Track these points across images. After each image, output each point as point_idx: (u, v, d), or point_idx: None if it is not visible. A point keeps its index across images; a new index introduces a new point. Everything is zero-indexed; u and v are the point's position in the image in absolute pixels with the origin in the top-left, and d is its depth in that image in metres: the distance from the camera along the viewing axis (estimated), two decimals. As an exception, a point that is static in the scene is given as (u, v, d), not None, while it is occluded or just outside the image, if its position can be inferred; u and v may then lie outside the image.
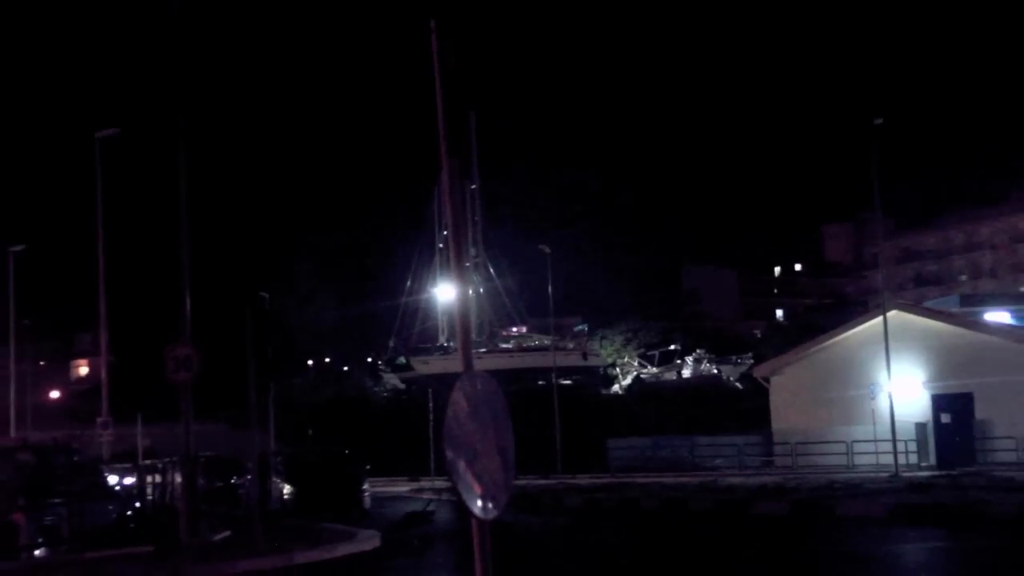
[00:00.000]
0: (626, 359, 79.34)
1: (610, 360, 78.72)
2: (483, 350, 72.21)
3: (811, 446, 46.62)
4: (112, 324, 40.05)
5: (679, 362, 76.64)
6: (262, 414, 21.99)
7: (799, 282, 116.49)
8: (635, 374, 76.99)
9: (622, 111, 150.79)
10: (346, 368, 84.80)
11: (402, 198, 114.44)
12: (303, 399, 67.21)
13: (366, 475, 32.01)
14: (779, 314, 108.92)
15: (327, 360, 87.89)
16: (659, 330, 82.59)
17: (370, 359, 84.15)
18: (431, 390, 47.26)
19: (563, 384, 61.55)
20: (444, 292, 75.23)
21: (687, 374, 74.97)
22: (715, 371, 73.88)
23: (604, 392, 72.62)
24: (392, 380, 76.63)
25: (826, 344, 48.72)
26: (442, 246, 74.76)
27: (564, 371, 65.42)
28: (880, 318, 40.96)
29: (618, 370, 77.91)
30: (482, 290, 77.90)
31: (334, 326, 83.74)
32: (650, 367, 77.34)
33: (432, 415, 41.28)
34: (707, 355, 76.53)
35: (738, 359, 73.28)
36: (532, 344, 77.01)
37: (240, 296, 22.08)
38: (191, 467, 21.34)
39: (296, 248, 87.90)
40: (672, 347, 78.37)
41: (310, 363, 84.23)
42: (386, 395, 74.36)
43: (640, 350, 79.84)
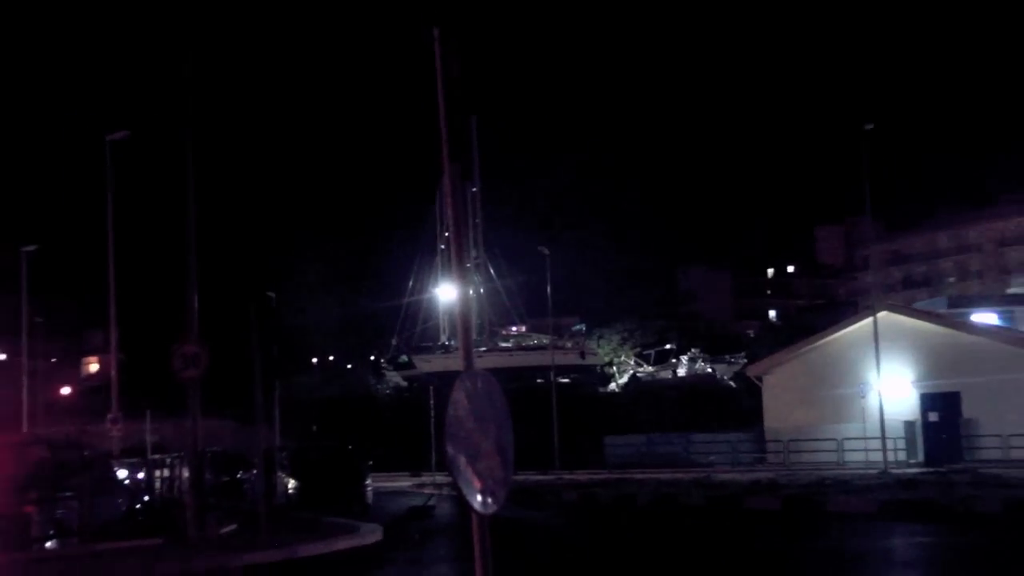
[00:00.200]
0: (623, 358, 79.32)
1: (607, 359, 78.69)
2: (483, 349, 72.21)
3: (803, 443, 46.63)
4: (122, 322, 40.05)
5: (674, 361, 76.64)
6: (268, 411, 22.00)
7: (792, 283, 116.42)
8: (631, 373, 76.97)
9: (620, 116, 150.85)
10: (350, 366, 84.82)
11: (405, 201, 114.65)
12: (308, 396, 67.13)
13: (369, 470, 31.99)
14: (772, 314, 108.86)
15: (331, 358, 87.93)
16: (655, 330, 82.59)
17: (373, 357, 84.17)
18: (432, 388, 47.24)
19: (561, 382, 61.52)
20: (445, 292, 75.19)
21: (682, 373, 74.98)
22: (709, 370, 73.88)
23: (601, 390, 72.60)
24: (394, 378, 76.64)
25: (818, 344, 48.72)
26: (443, 247, 74.83)
27: (562, 370, 65.39)
28: (870, 319, 40.99)
29: (615, 369, 77.87)
30: (482, 290, 77.89)
31: (338, 325, 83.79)
32: (646, 366, 77.34)
33: (433, 412, 41.28)
34: (702, 354, 76.54)
35: (732, 358, 73.29)
36: (531, 343, 76.98)
37: (246, 295, 22.10)
38: (198, 462, 21.35)
39: (301, 249, 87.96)
40: (668, 346, 78.38)
41: (315, 361, 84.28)
42: (389, 393, 74.36)
43: (636, 349, 79.84)
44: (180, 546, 19.24)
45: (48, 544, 20.19)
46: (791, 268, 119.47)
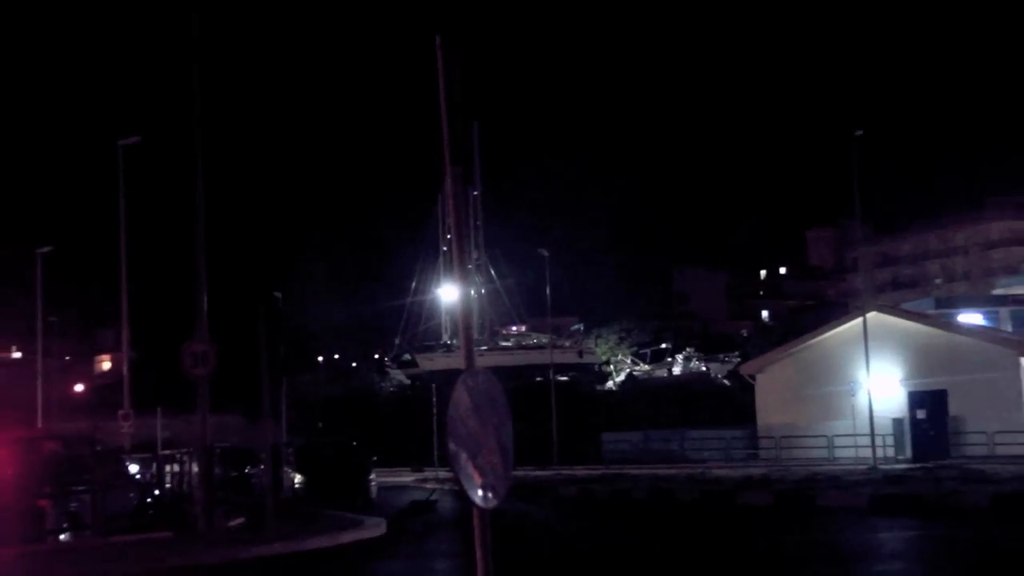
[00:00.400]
0: (619, 357, 79.29)
1: (604, 358, 78.66)
2: (484, 348, 72.25)
3: (794, 440, 46.64)
4: (133, 322, 40.07)
5: (670, 360, 76.63)
6: (275, 408, 21.99)
7: (784, 284, 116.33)
8: (628, 371, 76.95)
9: (618, 121, 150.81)
10: (354, 364, 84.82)
11: (408, 204, 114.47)
12: (313, 394, 67.20)
13: (373, 466, 32.00)
14: (765, 315, 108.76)
15: (336, 357, 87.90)
16: (651, 330, 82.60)
17: (377, 356, 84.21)
18: (435, 386, 47.19)
19: (560, 380, 61.52)
20: (447, 293, 75.18)
21: (677, 371, 74.97)
22: (704, 369, 73.88)
23: (599, 388, 72.58)
24: (398, 376, 76.64)
25: (809, 343, 48.72)
26: (445, 249, 74.88)
27: (561, 368, 65.38)
28: (860, 319, 40.99)
29: (612, 367, 77.84)
30: (483, 291, 77.93)
31: (343, 325, 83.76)
32: (642, 365, 77.32)
33: (436, 409, 41.22)
34: (696, 353, 76.52)
35: (725, 357, 73.26)
36: (531, 343, 76.96)
37: (254, 296, 22.10)
38: (207, 457, 21.36)
39: (308, 250, 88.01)
40: (663, 346, 78.37)
41: (320, 359, 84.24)
42: (392, 390, 74.34)
43: (633, 348, 79.82)
44: (190, 539, 19.26)
45: (62, 536, 20.20)
46: (783, 270, 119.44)
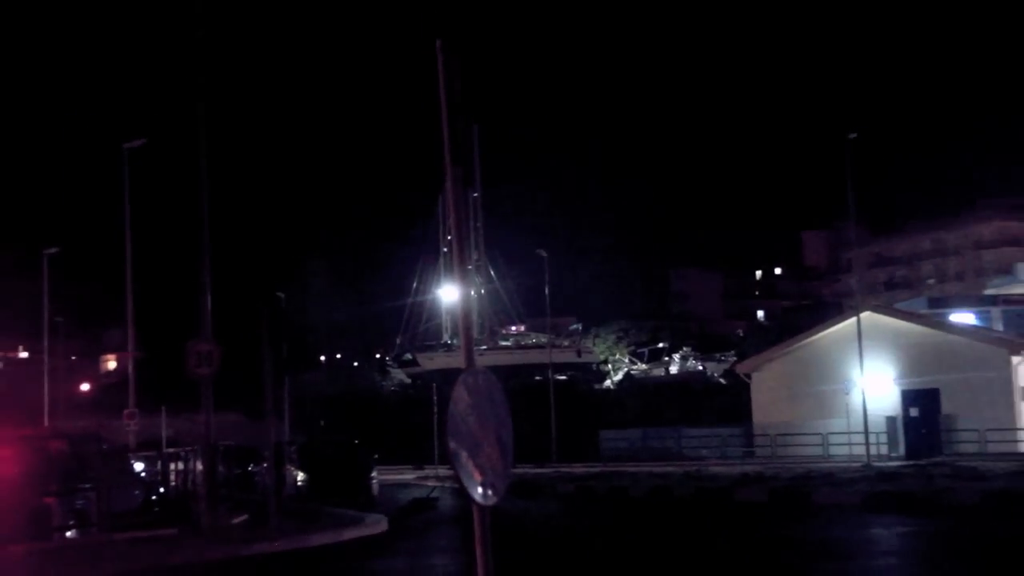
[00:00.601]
0: (617, 356, 79.28)
1: (602, 357, 78.64)
2: (484, 347, 72.22)
3: (789, 437, 46.63)
4: (138, 322, 40.04)
5: (667, 359, 76.62)
6: (278, 406, 21.99)
7: (779, 285, 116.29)
8: (626, 370, 76.94)
9: (616, 124, 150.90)
10: (356, 364, 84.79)
11: (408, 205, 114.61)
12: (316, 392, 67.12)
13: (374, 464, 31.92)
14: (760, 314, 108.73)
15: (338, 356, 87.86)
16: (648, 329, 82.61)
17: (378, 355, 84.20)
18: (435, 384, 47.13)
19: (559, 379, 61.49)
20: (447, 293, 75.21)
21: (674, 370, 74.95)
22: (700, 368, 73.84)
23: (597, 387, 72.54)
24: (399, 375, 76.63)
25: (804, 343, 48.72)
26: (446, 250, 74.86)
27: (559, 367, 65.35)
28: (854, 319, 40.99)
29: (610, 366, 77.83)
30: (483, 291, 77.92)
31: (345, 324, 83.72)
32: (640, 364, 77.31)
33: (436, 408, 41.16)
34: (693, 353, 76.49)
35: (722, 356, 73.23)
36: (530, 342, 76.94)
37: (257, 296, 22.08)
38: (211, 455, 21.33)
39: (310, 252, 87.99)
40: (660, 345, 78.35)
41: (322, 359, 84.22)
42: (393, 389, 74.32)
43: (630, 348, 79.81)
44: (194, 536, 19.25)
45: (68, 533, 20.18)
46: (778, 270, 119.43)
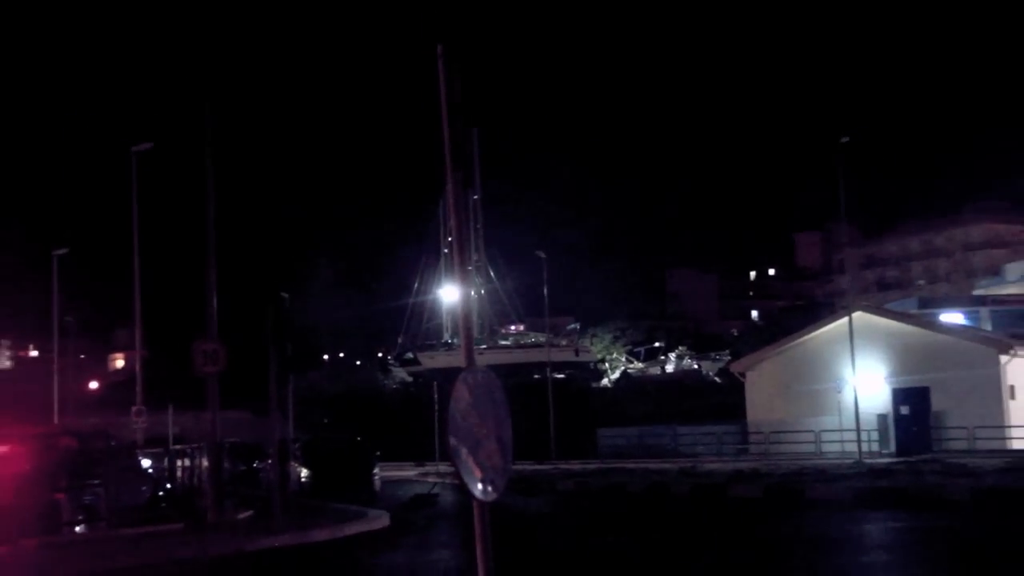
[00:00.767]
0: (614, 355, 79.31)
1: (600, 356, 78.67)
2: (484, 347, 72.19)
3: (783, 435, 46.61)
4: (146, 321, 40.04)
5: (663, 358, 76.66)
6: (282, 404, 21.96)
7: (773, 285, 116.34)
8: (623, 369, 76.97)
9: (613, 127, 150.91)
10: (359, 362, 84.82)
11: (410, 207, 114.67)
12: (319, 391, 67.16)
13: (376, 460, 31.92)
14: (754, 314, 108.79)
15: (341, 355, 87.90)
16: (645, 329, 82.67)
17: (380, 354, 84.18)
18: (436, 383, 47.06)
19: (557, 378, 61.48)
20: (448, 293, 75.20)
21: (670, 369, 74.99)
22: (696, 366, 73.86)
23: (594, 385, 72.57)
24: (400, 373, 76.58)
25: (797, 342, 48.70)
26: (446, 251, 74.85)
27: (558, 366, 65.34)
28: (846, 319, 40.98)
29: (607, 365, 77.86)
30: (483, 292, 77.90)
31: (348, 324, 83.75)
32: (636, 362, 77.34)
33: (437, 406, 41.13)
34: (688, 352, 76.55)
35: (717, 356, 73.27)
36: (529, 341, 76.92)
37: (262, 296, 22.07)
38: (217, 452, 21.36)
39: (314, 253, 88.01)
40: (656, 344, 78.39)
41: (326, 358, 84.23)
42: (395, 387, 74.31)
43: (627, 347, 79.83)
44: (200, 531, 19.25)
45: (77, 528, 20.19)
46: (772, 271, 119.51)
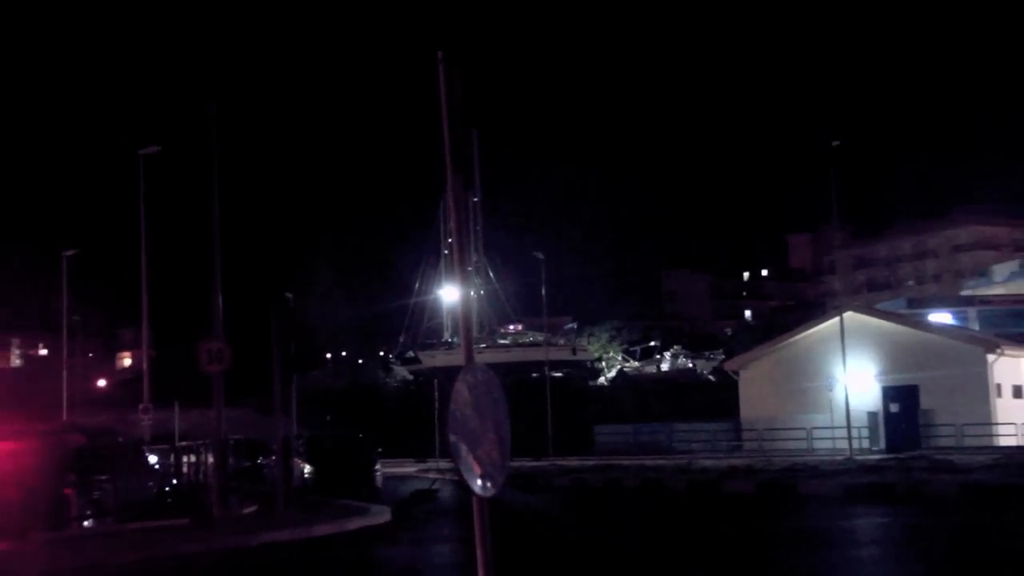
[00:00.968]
0: (611, 354, 79.22)
1: (597, 355, 78.59)
2: (483, 345, 72.13)
3: (775, 432, 46.62)
4: (153, 320, 40.05)
5: (658, 357, 76.53)
6: (285, 402, 21.97)
7: (766, 286, 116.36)
8: (619, 368, 76.86)
9: (610, 131, 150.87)
10: (360, 361, 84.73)
11: (411, 208, 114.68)
12: (322, 389, 67.08)
13: (378, 457, 31.89)
14: (748, 314, 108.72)
15: (343, 354, 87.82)
16: (640, 328, 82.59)
17: (382, 353, 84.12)
18: (436, 381, 47.06)
19: (554, 376, 61.42)
20: (448, 293, 75.15)
21: (665, 368, 74.87)
22: (690, 365, 73.76)
23: (591, 384, 72.47)
24: (402, 372, 76.52)
25: (789, 341, 48.72)
26: (447, 252, 74.82)
27: (555, 365, 65.29)
28: (837, 318, 41.03)
29: (604, 364, 77.76)
30: (482, 292, 77.86)
31: (350, 323, 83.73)
32: (632, 361, 77.24)
33: (437, 403, 41.15)
34: (683, 351, 76.41)
35: (711, 355, 73.14)
36: (527, 340, 76.84)
37: (266, 296, 22.08)
38: (222, 449, 21.37)
39: (317, 254, 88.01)
40: (652, 343, 78.27)
41: (328, 356, 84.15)
42: (396, 385, 74.24)
43: (623, 346, 79.74)
44: (205, 525, 19.25)
45: (85, 523, 20.19)
46: (765, 272, 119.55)
